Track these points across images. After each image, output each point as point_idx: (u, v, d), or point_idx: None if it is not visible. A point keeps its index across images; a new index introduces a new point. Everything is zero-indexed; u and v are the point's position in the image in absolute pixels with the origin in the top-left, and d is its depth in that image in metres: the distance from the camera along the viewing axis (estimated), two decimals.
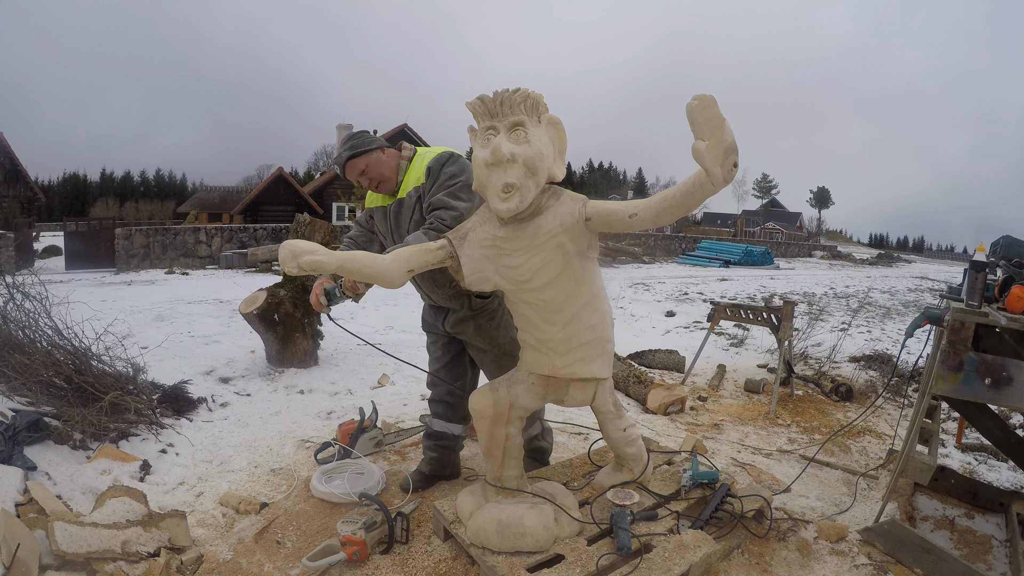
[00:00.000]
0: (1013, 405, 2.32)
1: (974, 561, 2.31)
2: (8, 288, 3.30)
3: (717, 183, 1.59)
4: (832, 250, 40.49)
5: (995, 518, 2.66)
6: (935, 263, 43.38)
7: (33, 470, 2.33)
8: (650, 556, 1.95)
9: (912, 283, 17.24)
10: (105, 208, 42.57)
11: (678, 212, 1.73)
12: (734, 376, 4.95)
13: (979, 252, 2.26)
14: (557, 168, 1.87)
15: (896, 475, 2.40)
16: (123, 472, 2.52)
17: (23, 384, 2.87)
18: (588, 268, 1.93)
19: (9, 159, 23.33)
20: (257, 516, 2.39)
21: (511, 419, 2.10)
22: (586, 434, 3.44)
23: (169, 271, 13.53)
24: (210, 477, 2.73)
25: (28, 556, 1.75)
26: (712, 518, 2.24)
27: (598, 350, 2.03)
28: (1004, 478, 3.10)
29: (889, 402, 4.37)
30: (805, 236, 55.17)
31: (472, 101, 1.86)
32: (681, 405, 4.01)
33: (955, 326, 2.18)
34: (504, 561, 1.90)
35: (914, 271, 25.85)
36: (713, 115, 1.53)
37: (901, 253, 57.43)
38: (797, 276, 18.04)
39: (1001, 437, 2.70)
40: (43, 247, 19.30)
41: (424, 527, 2.33)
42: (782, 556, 2.25)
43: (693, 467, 2.51)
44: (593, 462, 2.69)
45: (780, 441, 3.55)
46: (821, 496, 2.79)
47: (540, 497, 2.15)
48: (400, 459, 3.00)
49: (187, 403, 3.43)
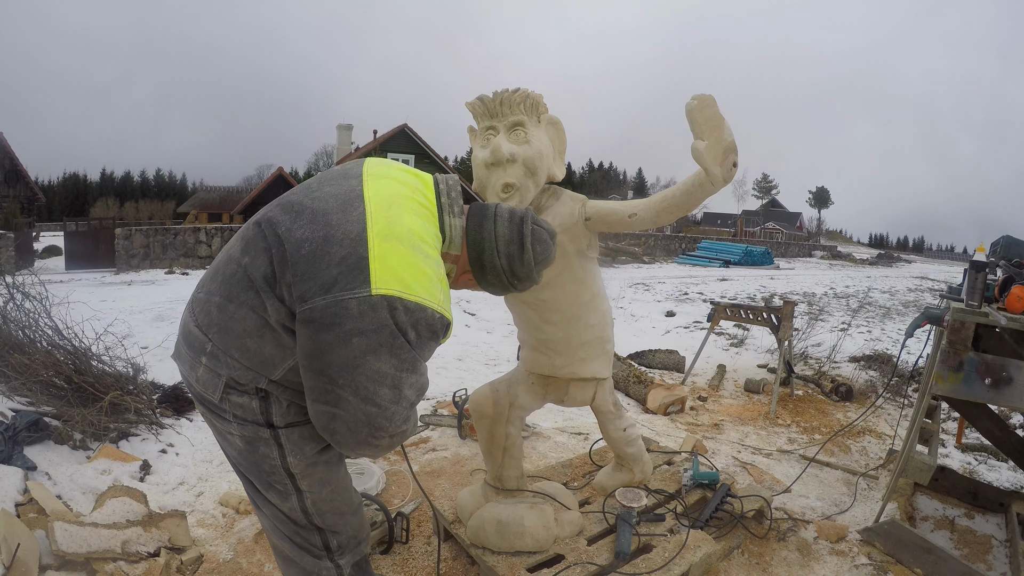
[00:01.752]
0: (1013, 405, 2.32)
1: (974, 561, 2.31)
2: (8, 288, 3.31)
3: (717, 183, 1.59)
4: (832, 250, 40.50)
5: (995, 518, 2.66)
6: (935, 263, 43.42)
7: (33, 470, 2.33)
8: (650, 556, 1.95)
9: (912, 283, 17.24)
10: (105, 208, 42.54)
11: (678, 212, 1.74)
12: (734, 376, 4.95)
13: (979, 252, 2.26)
14: (557, 168, 1.87)
15: (896, 475, 2.40)
16: (123, 472, 2.52)
17: (23, 384, 2.87)
18: (588, 268, 1.93)
19: (9, 159, 23.35)
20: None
21: (511, 419, 2.10)
22: (586, 434, 3.44)
23: (169, 271, 13.53)
24: (210, 477, 2.73)
25: (28, 556, 1.76)
26: (712, 518, 2.25)
27: (598, 350, 2.03)
28: (1004, 478, 3.10)
29: (889, 402, 4.37)
30: (805, 236, 55.16)
31: (472, 101, 1.86)
32: (681, 405, 4.01)
33: (955, 326, 2.18)
34: (504, 561, 1.90)
35: (914, 271, 25.86)
36: (712, 115, 1.53)
37: (901, 253, 57.47)
38: (797, 276, 18.04)
39: (1001, 437, 2.70)
40: (43, 247, 19.28)
41: (424, 527, 2.33)
42: (782, 556, 2.25)
43: (693, 467, 2.51)
44: (594, 462, 2.70)
45: (780, 441, 3.55)
46: (821, 496, 2.79)
47: (540, 497, 2.15)
48: (400, 459, 3.00)
49: (187, 403, 3.43)
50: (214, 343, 1.24)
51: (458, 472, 2.84)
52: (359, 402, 1.14)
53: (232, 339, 1.22)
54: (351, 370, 1.13)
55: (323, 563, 1.40)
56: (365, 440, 1.18)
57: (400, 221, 1.20)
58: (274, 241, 1.19)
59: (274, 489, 1.33)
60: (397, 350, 1.14)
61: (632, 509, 2.06)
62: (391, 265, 1.13)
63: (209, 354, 1.24)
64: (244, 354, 1.23)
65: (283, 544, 1.41)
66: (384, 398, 1.15)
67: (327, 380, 1.14)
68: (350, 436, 1.17)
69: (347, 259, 1.12)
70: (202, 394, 1.28)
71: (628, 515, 2.06)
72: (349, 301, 1.10)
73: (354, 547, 1.45)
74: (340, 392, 1.14)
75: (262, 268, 1.19)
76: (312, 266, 1.13)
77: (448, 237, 1.31)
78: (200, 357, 1.26)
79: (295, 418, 1.30)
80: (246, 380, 1.24)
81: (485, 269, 1.37)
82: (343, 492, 1.41)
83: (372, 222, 1.17)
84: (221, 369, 1.23)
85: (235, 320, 1.22)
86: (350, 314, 1.10)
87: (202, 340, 1.25)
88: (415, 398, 1.22)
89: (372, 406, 1.14)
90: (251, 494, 1.40)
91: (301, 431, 1.31)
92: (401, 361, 1.15)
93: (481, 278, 1.40)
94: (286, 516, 1.36)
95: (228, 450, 1.36)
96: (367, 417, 1.15)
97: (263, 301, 1.19)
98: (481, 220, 1.36)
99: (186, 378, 1.32)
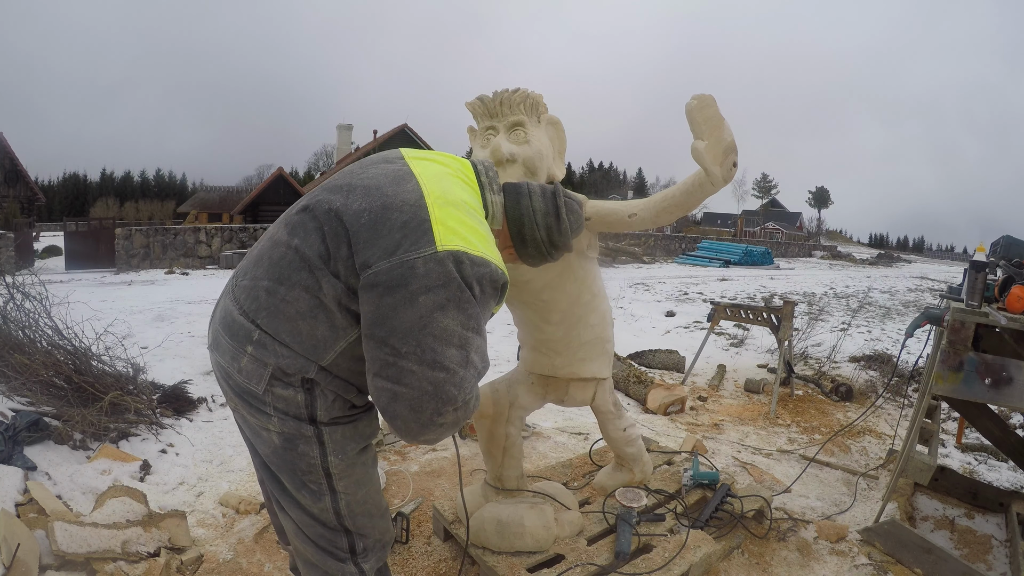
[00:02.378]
0: (1013, 405, 2.32)
1: (974, 561, 2.31)
2: (8, 288, 3.31)
3: (716, 183, 1.59)
4: (832, 250, 40.50)
5: (995, 518, 2.66)
6: (935, 263, 43.45)
7: (33, 470, 2.33)
8: (650, 556, 1.95)
9: (912, 283, 17.24)
10: (105, 208, 42.54)
11: (678, 212, 1.74)
12: (734, 376, 4.95)
13: (979, 252, 2.26)
14: (557, 168, 1.87)
15: (896, 475, 2.39)
16: (123, 472, 2.52)
17: (23, 384, 2.87)
18: (588, 268, 1.93)
19: (9, 159, 23.36)
20: (257, 516, 2.39)
21: (511, 419, 2.10)
22: (586, 434, 3.44)
23: (169, 271, 13.53)
24: (210, 477, 2.73)
25: (28, 556, 1.75)
26: (712, 518, 2.25)
27: (598, 350, 2.03)
28: (1004, 478, 3.10)
29: (889, 402, 4.37)
30: (805, 236, 55.18)
31: (472, 101, 1.86)
32: (681, 405, 4.01)
33: (955, 326, 2.18)
34: (504, 561, 1.90)
35: (914, 271, 25.86)
36: (712, 115, 1.53)
37: (901, 253, 57.49)
38: (797, 276, 18.04)
39: (1001, 437, 2.70)
40: (43, 247, 19.29)
41: (424, 527, 2.33)
42: (782, 556, 2.25)
43: (694, 467, 2.51)
44: (594, 462, 2.70)
45: (780, 441, 3.55)
46: (821, 496, 2.79)
47: (540, 497, 2.15)
48: (400, 459, 3.00)
49: (187, 403, 3.43)
50: (262, 329, 1.21)
51: (458, 472, 2.83)
52: (425, 369, 1.11)
53: (283, 322, 1.20)
54: (417, 332, 1.10)
55: (347, 567, 1.37)
56: (429, 420, 1.13)
57: (453, 191, 1.24)
58: (327, 218, 1.19)
59: (307, 488, 1.29)
60: (464, 304, 1.13)
61: (632, 509, 2.06)
62: (452, 226, 1.16)
63: (256, 342, 1.21)
64: (295, 337, 1.20)
65: (306, 547, 1.36)
66: (452, 359, 1.12)
67: (390, 351, 1.11)
68: (412, 418, 1.13)
69: (409, 223, 1.14)
70: (244, 385, 1.24)
71: (628, 515, 2.06)
72: (415, 261, 1.11)
73: (379, 551, 1.43)
74: (403, 363, 1.11)
75: (315, 246, 1.18)
76: (374, 233, 1.15)
77: (491, 212, 1.35)
78: (245, 346, 1.22)
79: (340, 412, 1.28)
80: (293, 370, 1.20)
81: (526, 242, 1.43)
82: (376, 495, 1.40)
83: (427, 191, 1.20)
84: (268, 358, 1.20)
85: (287, 303, 1.19)
86: (416, 273, 1.10)
87: (248, 328, 1.22)
88: (481, 366, 1.19)
89: (440, 370, 1.11)
90: (277, 494, 1.36)
91: (344, 430, 1.29)
92: (468, 317, 1.14)
93: (522, 251, 1.45)
94: (314, 518, 1.32)
95: (261, 447, 1.32)
96: (434, 386, 1.11)
97: (317, 280, 1.17)
98: (517, 197, 1.42)
99: (225, 369, 1.28)
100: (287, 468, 1.29)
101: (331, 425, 1.27)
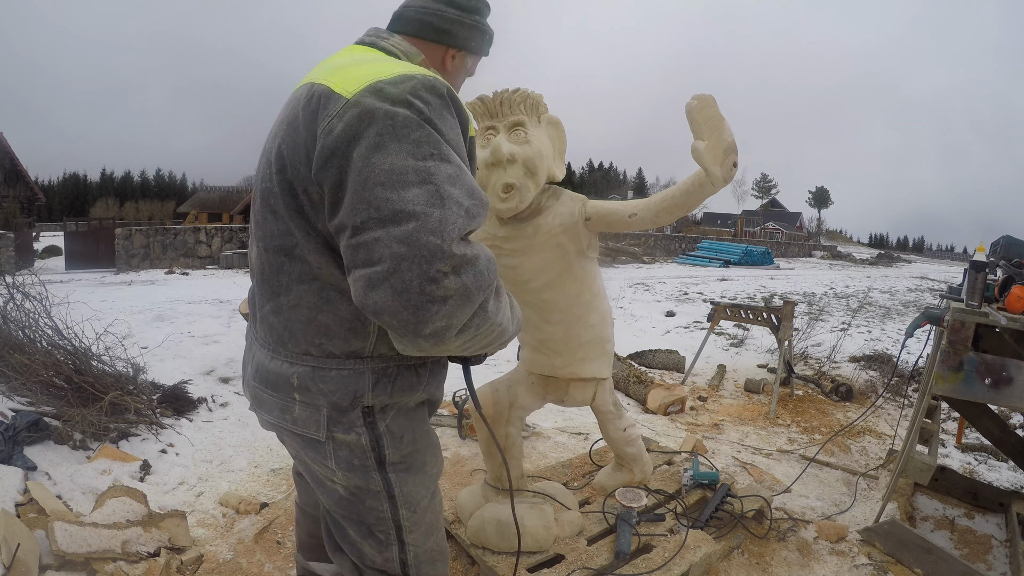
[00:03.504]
0: (1013, 405, 2.32)
1: (974, 561, 2.31)
2: (8, 288, 3.31)
3: (717, 183, 1.59)
4: (832, 250, 40.52)
5: (995, 518, 2.66)
6: (935, 263, 43.48)
7: (33, 470, 2.33)
8: (650, 556, 1.95)
9: (912, 283, 17.24)
10: (105, 208, 42.60)
11: (678, 212, 1.74)
12: (734, 376, 4.95)
13: (979, 252, 2.26)
14: (557, 168, 1.87)
15: (896, 475, 2.39)
16: (123, 472, 2.52)
17: (23, 384, 2.87)
18: (588, 268, 1.93)
19: (9, 159, 23.36)
20: (257, 516, 2.39)
21: (511, 419, 2.10)
22: (586, 434, 3.44)
23: (169, 271, 13.53)
24: (210, 477, 2.73)
25: (28, 556, 1.75)
26: (712, 518, 2.25)
27: (598, 350, 2.03)
28: (1004, 478, 3.10)
29: (889, 402, 4.37)
30: (805, 236, 55.20)
31: (472, 101, 1.86)
32: (681, 405, 4.01)
33: (955, 326, 2.18)
34: (504, 561, 1.90)
35: (914, 271, 25.87)
36: (712, 115, 1.53)
37: (901, 253, 57.51)
38: (797, 276, 18.04)
39: (1001, 437, 2.70)
40: (43, 247, 19.30)
41: None
42: (782, 556, 2.25)
43: (693, 467, 2.51)
44: (594, 462, 2.70)
45: (780, 441, 3.55)
46: (821, 496, 2.79)
47: (540, 497, 2.15)
48: None
49: (187, 403, 3.43)
50: (296, 362, 1.09)
51: (458, 472, 2.84)
52: (389, 228, 0.86)
53: (307, 331, 1.07)
54: (363, 192, 0.88)
55: None
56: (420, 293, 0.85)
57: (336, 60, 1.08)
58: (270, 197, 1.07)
59: (374, 538, 1.18)
60: (403, 130, 0.91)
61: (632, 509, 2.06)
62: (351, 74, 0.99)
63: (299, 388, 1.09)
64: (326, 337, 1.06)
65: None
66: (416, 200, 0.87)
67: (350, 232, 0.90)
68: (399, 301, 0.86)
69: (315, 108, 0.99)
70: (304, 434, 1.12)
71: (628, 515, 2.06)
72: (333, 123, 0.93)
73: None
74: (364, 237, 0.88)
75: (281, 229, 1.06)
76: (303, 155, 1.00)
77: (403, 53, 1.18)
78: (292, 394, 1.10)
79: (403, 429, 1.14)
80: (346, 400, 1.07)
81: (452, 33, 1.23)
82: (442, 540, 1.29)
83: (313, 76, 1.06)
84: (318, 399, 1.08)
85: (296, 309, 1.07)
86: (336, 134, 0.92)
87: (286, 373, 1.10)
88: (467, 201, 0.92)
89: (405, 220, 0.86)
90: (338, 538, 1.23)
91: (415, 480, 1.18)
92: (416, 144, 0.91)
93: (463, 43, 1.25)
94: (376, 568, 1.21)
95: (325, 497, 1.19)
96: (406, 245, 0.85)
97: (304, 258, 1.04)
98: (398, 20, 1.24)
99: (278, 425, 1.16)
100: (354, 518, 1.19)
101: (400, 472, 1.15)
